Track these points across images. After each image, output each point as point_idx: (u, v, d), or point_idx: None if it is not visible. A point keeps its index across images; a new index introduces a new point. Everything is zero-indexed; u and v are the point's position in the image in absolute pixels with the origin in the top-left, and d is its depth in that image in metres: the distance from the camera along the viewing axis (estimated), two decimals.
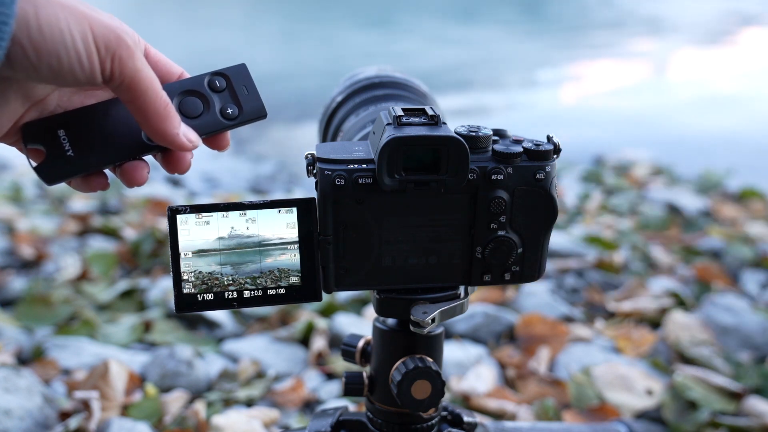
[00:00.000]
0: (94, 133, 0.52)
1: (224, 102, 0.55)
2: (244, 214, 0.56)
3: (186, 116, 0.53)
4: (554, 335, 1.48)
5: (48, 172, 0.51)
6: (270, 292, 0.57)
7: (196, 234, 0.55)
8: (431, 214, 0.58)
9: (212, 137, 0.55)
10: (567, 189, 2.81)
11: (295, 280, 0.57)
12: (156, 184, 2.97)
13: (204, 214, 0.55)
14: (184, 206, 0.55)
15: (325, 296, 0.68)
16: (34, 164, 0.51)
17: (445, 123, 0.56)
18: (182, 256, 0.55)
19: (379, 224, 0.58)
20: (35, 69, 0.44)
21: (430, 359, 0.63)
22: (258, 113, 0.55)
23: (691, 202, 2.55)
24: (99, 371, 1.21)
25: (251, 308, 0.58)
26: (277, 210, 0.56)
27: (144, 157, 0.54)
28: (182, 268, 0.55)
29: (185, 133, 0.51)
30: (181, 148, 0.51)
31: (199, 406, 1.21)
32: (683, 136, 3.87)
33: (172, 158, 0.54)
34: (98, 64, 0.45)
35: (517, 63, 6.70)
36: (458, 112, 4.32)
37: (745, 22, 8.96)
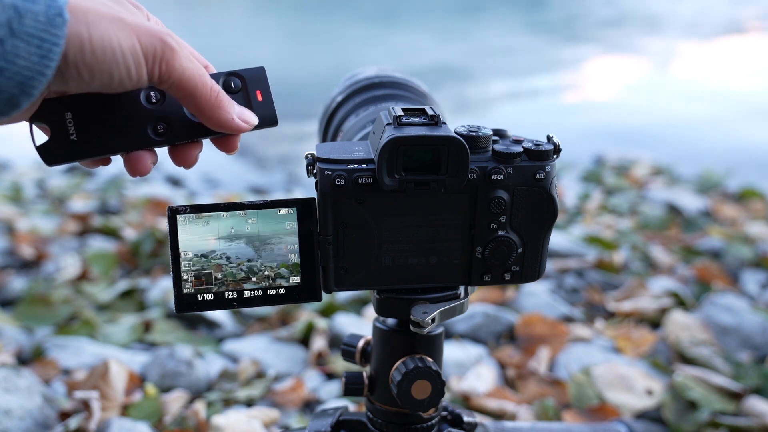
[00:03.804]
0: (100, 121, 0.52)
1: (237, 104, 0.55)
2: (244, 214, 0.56)
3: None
4: (554, 335, 1.48)
5: (49, 154, 0.51)
6: (270, 292, 0.57)
7: (196, 234, 0.55)
8: (431, 214, 0.58)
9: (221, 139, 0.55)
10: (567, 189, 2.81)
11: (295, 280, 0.57)
12: (156, 184, 2.97)
13: (204, 214, 0.55)
14: (184, 206, 0.55)
15: (325, 296, 0.68)
16: (37, 143, 0.51)
17: (445, 123, 0.56)
18: (182, 256, 0.55)
19: (379, 224, 0.58)
20: (88, 85, 0.45)
21: (430, 359, 0.63)
22: (269, 121, 0.55)
23: (691, 202, 2.55)
24: (99, 371, 1.21)
25: (251, 308, 0.58)
26: (277, 210, 0.56)
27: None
28: (182, 268, 0.55)
29: (240, 115, 0.53)
30: (238, 131, 0.53)
31: (199, 406, 1.21)
32: (685, 136, 3.87)
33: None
34: (146, 72, 0.47)
35: (518, 59, 6.70)
36: (459, 111, 4.32)
37: (746, 21, 8.96)
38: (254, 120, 0.53)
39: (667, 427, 1.24)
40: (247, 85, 0.55)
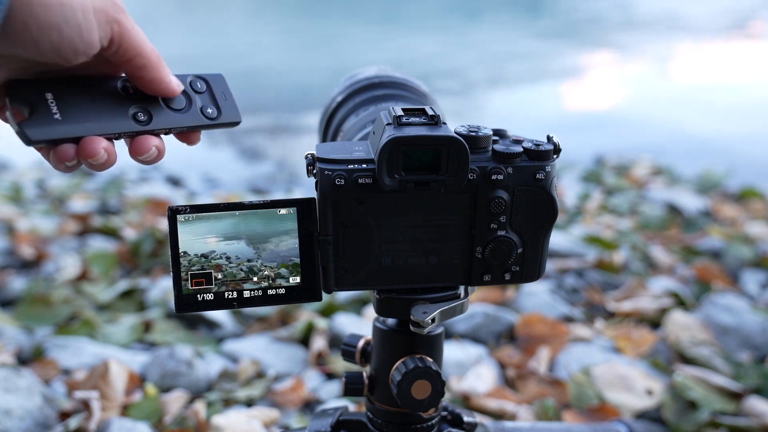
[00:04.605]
0: (82, 102, 0.52)
1: (204, 103, 0.57)
2: (245, 213, 0.56)
3: (170, 108, 0.55)
4: (554, 335, 1.48)
5: (31, 131, 0.50)
6: (270, 292, 0.57)
7: (196, 234, 0.55)
8: (431, 214, 0.58)
9: (187, 133, 0.57)
10: (567, 189, 2.81)
11: (295, 280, 0.57)
12: (156, 184, 2.97)
13: (204, 214, 0.55)
14: (184, 206, 0.55)
15: (325, 296, 0.68)
16: (16, 122, 0.50)
17: (445, 123, 0.56)
18: (182, 256, 0.55)
19: (379, 224, 0.58)
20: (35, 43, 0.44)
21: (430, 359, 0.63)
22: (234, 119, 0.59)
23: (691, 202, 2.55)
24: (99, 371, 1.21)
25: (251, 308, 0.58)
26: (277, 210, 0.56)
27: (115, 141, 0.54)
28: (182, 268, 0.55)
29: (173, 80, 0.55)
30: (172, 93, 0.55)
31: (199, 406, 1.21)
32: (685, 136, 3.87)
33: (136, 143, 0.55)
34: (98, 34, 0.47)
35: (519, 62, 6.70)
36: (458, 112, 4.32)
37: (753, 18, 8.96)
38: (180, 87, 0.55)
39: (667, 427, 1.24)
40: (211, 86, 0.58)
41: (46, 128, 0.50)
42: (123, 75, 0.54)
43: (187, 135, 0.57)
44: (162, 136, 0.55)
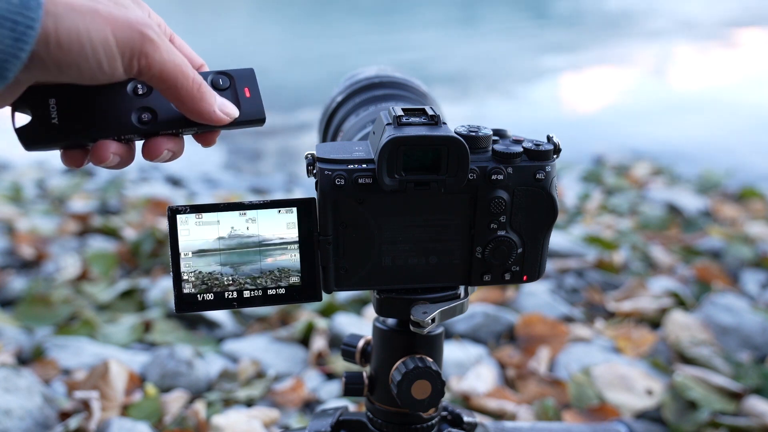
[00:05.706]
0: (84, 107, 0.51)
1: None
2: (244, 214, 0.56)
3: None
4: (554, 335, 1.48)
5: (29, 136, 0.50)
6: (270, 292, 0.57)
7: (196, 234, 0.55)
8: (431, 214, 0.58)
9: (204, 133, 0.55)
10: (567, 189, 2.81)
11: (295, 280, 0.57)
12: (156, 184, 2.97)
13: (204, 214, 0.55)
14: (184, 206, 0.55)
15: (325, 296, 0.68)
16: (17, 126, 0.50)
17: (445, 123, 0.56)
18: (182, 256, 0.55)
19: (379, 224, 0.58)
20: (56, 77, 0.45)
21: (430, 359, 0.63)
22: (256, 117, 0.55)
23: (691, 202, 2.55)
24: (99, 371, 1.21)
25: (251, 308, 0.58)
26: (277, 210, 0.56)
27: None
28: (182, 268, 0.55)
29: (221, 107, 0.52)
30: (219, 123, 0.52)
31: (199, 406, 1.21)
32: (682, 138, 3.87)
33: (202, 134, 0.54)
34: (122, 66, 0.46)
35: (518, 63, 6.70)
36: (458, 113, 4.32)
37: (748, 22, 8.96)
38: (235, 112, 0.53)
39: (667, 427, 1.24)
40: (235, 83, 0.55)
41: (42, 134, 0.50)
42: None
43: (204, 135, 0.55)
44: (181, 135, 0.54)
